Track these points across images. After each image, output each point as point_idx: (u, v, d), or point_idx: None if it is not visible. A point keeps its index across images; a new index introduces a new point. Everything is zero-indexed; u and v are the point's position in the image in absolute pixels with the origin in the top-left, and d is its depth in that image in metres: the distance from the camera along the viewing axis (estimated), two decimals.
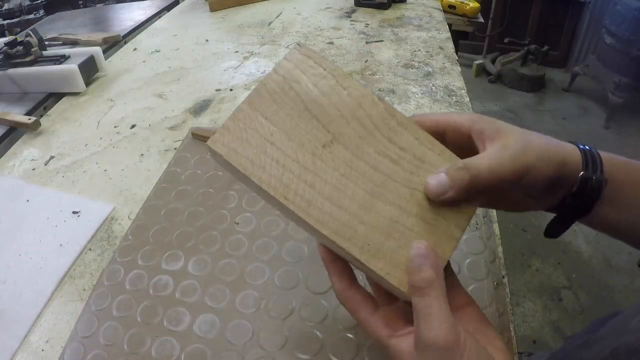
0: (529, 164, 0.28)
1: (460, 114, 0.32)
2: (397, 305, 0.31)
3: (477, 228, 0.51)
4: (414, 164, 0.30)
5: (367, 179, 0.29)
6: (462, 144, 0.31)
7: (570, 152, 0.31)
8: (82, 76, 0.87)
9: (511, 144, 0.29)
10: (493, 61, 2.91)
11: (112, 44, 1.10)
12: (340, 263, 0.31)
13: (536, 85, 2.73)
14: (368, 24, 1.11)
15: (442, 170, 0.29)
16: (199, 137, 0.69)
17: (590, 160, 0.31)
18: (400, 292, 0.28)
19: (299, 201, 0.28)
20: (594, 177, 0.30)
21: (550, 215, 0.35)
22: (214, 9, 1.28)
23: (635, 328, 0.33)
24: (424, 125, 0.32)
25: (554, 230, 0.35)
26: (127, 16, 1.32)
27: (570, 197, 0.31)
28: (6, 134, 0.77)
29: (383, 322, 0.29)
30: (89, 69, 0.91)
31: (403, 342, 0.27)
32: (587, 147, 0.32)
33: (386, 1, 1.18)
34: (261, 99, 0.30)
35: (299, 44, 0.32)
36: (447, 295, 0.26)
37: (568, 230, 0.34)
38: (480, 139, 0.30)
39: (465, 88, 0.80)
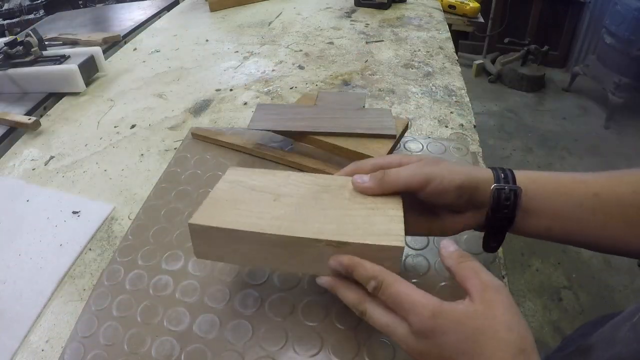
0: (430, 174, 0.36)
1: (421, 170, 0.37)
2: None
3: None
4: (339, 191, 0.40)
5: (312, 205, 0.38)
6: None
7: (484, 173, 0.37)
8: (82, 76, 0.87)
9: (423, 164, 0.37)
10: (493, 61, 2.91)
11: (112, 44, 1.11)
12: (345, 278, 0.35)
13: (536, 85, 2.74)
14: (368, 24, 1.11)
15: (368, 177, 0.38)
16: (199, 137, 0.69)
17: (502, 174, 0.37)
18: (388, 248, 0.33)
19: (275, 229, 0.35)
20: (505, 187, 0.36)
21: None
22: (214, 9, 1.28)
23: (625, 338, 0.34)
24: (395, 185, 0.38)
25: (488, 244, 0.41)
26: (127, 16, 1.32)
27: (490, 211, 0.37)
28: (6, 134, 0.77)
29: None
30: (89, 69, 0.91)
31: (458, 304, 0.30)
32: (500, 168, 0.38)
33: (386, 1, 1.19)
34: (220, 193, 0.40)
35: (231, 167, 0.44)
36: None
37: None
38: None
39: (465, 88, 0.80)
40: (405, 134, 0.68)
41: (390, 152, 0.56)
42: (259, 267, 0.39)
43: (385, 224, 0.35)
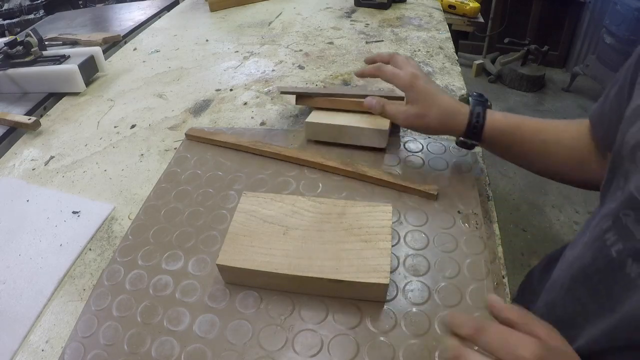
0: (415, 125, 0.55)
1: (404, 79, 0.54)
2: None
3: (477, 228, 0.51)
4: (339, 220, 0.48)
5: (315, 239, 0.46)
6: (402, 86, 0.55)
7: (460, 119, 0.52)
8: (82, 76, 0.87)
9: (412, 112, 0.54)
10: (493, 61, 2.91)
11: (112, 44, 1.10)
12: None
13: (536, 85, 2.73)
14: (368, 24, 1.11)
15: (375, 99, 0.57)
16: (194, 137, 0.69)
17: (472, 130, 0.52)
18: (376, 285, 0.42)
19: (285, 268, 0.43)
20: (468, 142, 0.54)
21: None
22: (214, 9, 1.28)
23: (586, 240, 0.40)
24: (383, 76, 0.57)
25: (461, 145, 0.56)
26: (127, 16, 1.32)
27: (462, 136, 0.53)
28: (6, 134, 0.77)
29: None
30: (89, 69, 0.91)
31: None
32: (476, 117, 0.52)
33: (386, 1, 1.18)
34: (238, 227, 0.48)
35: (244, 193, 0.52)
36: None
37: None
38: (407, 98, 0.55)
39: (465, 88, 0.80)
40: (406, 134, 0.68)
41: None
42: (276, 289, 0.46)
43: (375, 258, 0.43)
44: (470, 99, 0.54)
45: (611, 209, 0.35)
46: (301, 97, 0.70)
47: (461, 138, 0.53)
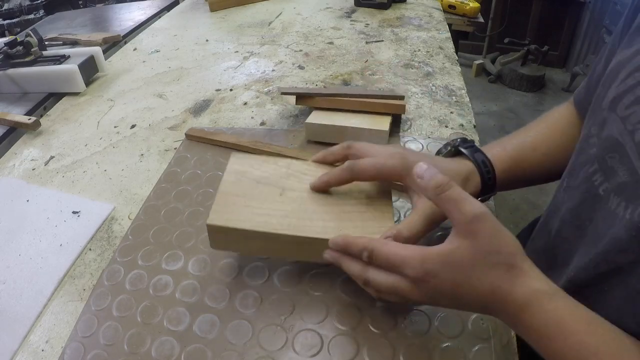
0: (436, 219, 0.41)
1: (392, 160, 0.41)
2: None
3: None
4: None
5: (314, 200, 0.43)
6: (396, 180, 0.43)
7: (470, 171, 0.46)
8: (82, 76, 0.87)
9: (421, 208, 0.41)
10: (493, 61, 2.91)
11: (112, 44, 1.10)
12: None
13: (536, 85, 2.74)
14: (368, 24, 1.11)
15: (388, 235, 0.39)
16: (194, 137, 0.69)
17: (487, 182, 0.46)
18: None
19: (285, 228, 0.40)
20: (487, 199, 0.48)
21: None
22: (214, 9, 1.28)
23: (562, 197, 0.43)
24: (362, 178, 0.43)
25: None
26: (127, 16, 1.32)
27: (480, 196, 0.47)
28: (6, 134, 0.77)
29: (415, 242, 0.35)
30: (89, 69, 0.91)
31: (444, 244, 0.32)
32: (477, 159, 0.46)
33: (386, 1, 1.19)
34: (228, 186, 0.44)
35: (233, 153, 0.48)
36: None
37: None
38: (407, 188, 0.44)
39: (465, 88, 0.80)
40: (406, 134, 0.68)
41: (400, 113, 0.68)
42: (271, 256, 0.42)
43: (378, 220, 0.41)
44: (462, 149, 0.48)
45: (592, 155, 0.38)
46: (301, 97, 0.70)
47: (480, 198, 0.46)
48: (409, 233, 0.39)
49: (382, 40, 1.01)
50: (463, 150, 0.48)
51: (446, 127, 0.69)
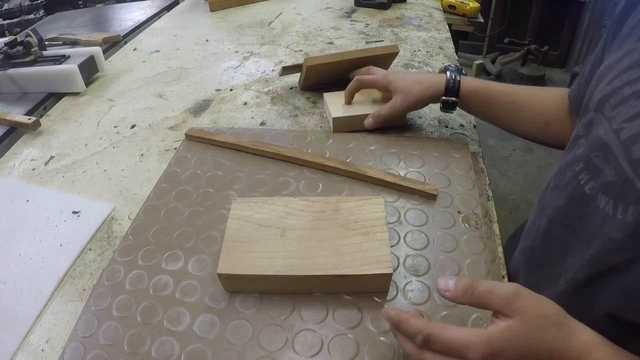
0: (407, 106, 0.63)
1: (382, 76, 0.66)
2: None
3: (477, 228, 0.51)
4: (333, 217, 0.48)
5: (313, 237, 0.46)
6: (382, 88, 0.66)
7: (439, 85, 0.61)
8: (82, 76, 0.87)
9: (399, 99, 0.63)
10: (493, 61, 2.91)
11: (112, 44, 1.10)
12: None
13: (536, 85, 2.73)
14: (368, 24, 1.11)
15: (369, 117, 0.66)
16: (194, 137, 0.69)
17: (450, 88, 0.60)
18: (380, 275, 0.42)
19: (288, 269, 0.43)
20: (449, 101, 0.61)
21: None
22: (214, 9, 1.28)
23: (549, 198, 0.45)
24: (365, 85, 0.67)
25: (444, 106, 0.62)
26: (127, 16, 1.32)
27: (440, 107, 0.62)
28: (6, 134, 0.77)
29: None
30: (89, 69, 0.91)
31: (497, 324, 0.33)
32: (452, 79, 0.60)
33: (386, 1, 1.19)
34: (233, 233, 0.47)
35: (234, 199, 0.51)
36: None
37: None
38: (392, 90, 0.64)
39: None
40: (406, 134, 0.68)
41: (391, 60, 0.80)
42: (277, 292, 0.45)
43: (375, 250, 0.44)
44: (448, 69, 0.61)
45: (578, 155, 0.40)
46: (291, 67, 0.78)
47: (443, 98, 0.60)
48: (390, 114, 0.64)
49: (382, 40, 1.01)
50: (448, 69, 0.61)
51: (446, 127, 0.69)
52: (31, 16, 1.65)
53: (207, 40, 1.09)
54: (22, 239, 0.55)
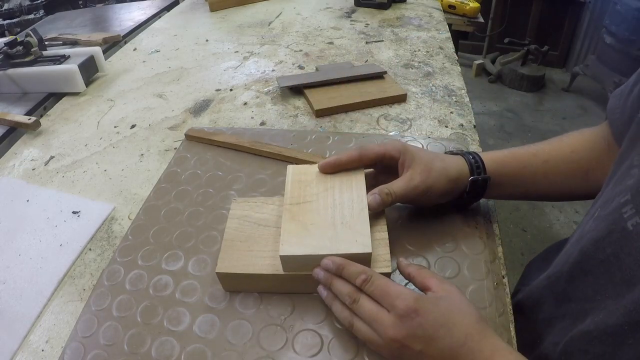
0: (427, 186, 0.46)
1: (393, 144, 0.48)
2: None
3: (477, 228, 0.51)
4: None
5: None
6: (394, 164, 0.48)
7: (461, 166, 0.48)
8: (82, 76, 0.87)
9: (417, 173, 0.46)
10: (493, 61, 2.91)
11: (112, 44, 1.11)
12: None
13: (536, 85, 2.73)
14: (368, 24, 1.11)
15: (375, 192, 0.45)
16: (194, 137, 0.69)
17: (475, 167, 0.48)
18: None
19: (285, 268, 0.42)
20: (479, 178, 0.48)
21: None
22: (214, 9, 1.28)
23: (589, 228, 0.41)
24: (368, 158, 0.48)
25: (459, 206, 0.52)
26: (127, 16, 1.32)
27: (466, 195, 0.49)
28: (6, 134, 0.77)
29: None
30: (89, 69, 0.91)
31: (428, 293, 0.38)
32: (472, 157, 0.49)
33: (386, 1, 1.19)
34: (232, 233, 0.47)
35: (234, 199, 0.51)
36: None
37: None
38: (402, 167, 0.47)
39: (465, 88, 0.80)
40: (406, 134, 0.68)
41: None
42: (276, 292, 0.46)
43: (375, 249, 0.43)
44: (454, 152, 0.52)
45: (628, 185, 0.35)
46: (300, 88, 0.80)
47: (472, 178, 0.47)
48: (403, 195, 0.46)
49: (382, 40, 1.01)
50: (456, 151, 0.52)
51: (446, 127, 0.69)
52: (31, 16, 1.65)
53: (207, 40, 1.09)
54: (22, 239, 0.55)
